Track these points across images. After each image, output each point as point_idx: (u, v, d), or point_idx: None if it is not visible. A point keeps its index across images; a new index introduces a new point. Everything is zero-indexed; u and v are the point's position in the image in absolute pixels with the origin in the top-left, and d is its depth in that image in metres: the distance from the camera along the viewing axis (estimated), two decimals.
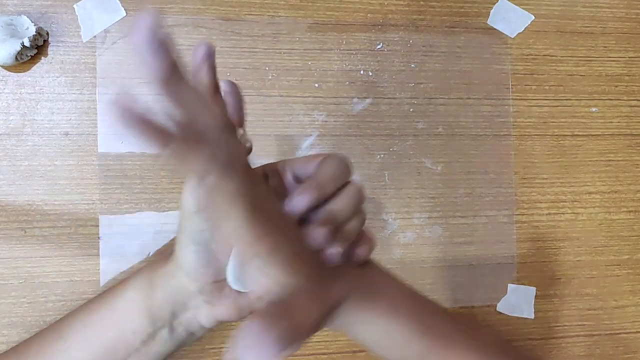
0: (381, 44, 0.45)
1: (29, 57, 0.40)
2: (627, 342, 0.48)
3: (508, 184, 0.47)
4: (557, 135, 0.48)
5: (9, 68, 0.41)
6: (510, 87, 0.47)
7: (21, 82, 0.41)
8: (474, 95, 0.47)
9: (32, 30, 0.39)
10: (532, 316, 0.46)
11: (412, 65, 0.46)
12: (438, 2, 0.46)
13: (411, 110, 0.46)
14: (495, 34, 0.47)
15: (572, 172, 0.48)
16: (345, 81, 0.45)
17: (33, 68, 0.41)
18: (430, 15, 0.46)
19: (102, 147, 0.42)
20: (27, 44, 0.39)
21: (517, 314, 0.46)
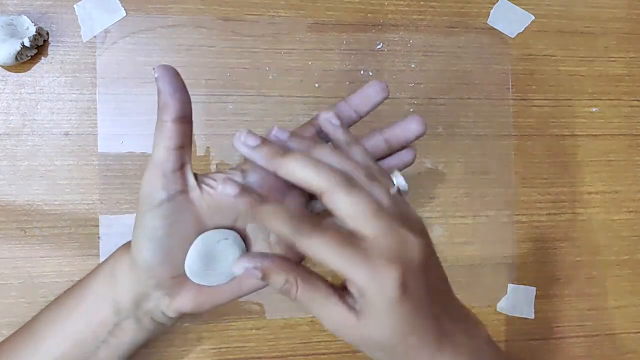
0: (381, 44, 0.45)
1: (29, 57, 0.40)
2: (627, 342, 0.48)
3: (508, 184, 0.47)
4: (557, 135, 0.48)
5: (9, 68, 0.41)
6: (510, 87, 0.47)
7: (21, 82, 0.41)
8: (474, 95, 0.47)
9: (32, 30, 0.39)
10: (532, 316, 0.46)
11: (412, 65, 0.46)
12: (438, 2, 0.46)
13: (411, 110, 0.46)
14: (495, 34, 0.47)
15: (572, 172, 0.48)
16: (345, 81, 0.45)
17: (33, 68, 0.41)
18: (430, 15, 0.46)
19: (102, 147, 0.42)
20: (27, 44, 0.39)
21: (517, 314, 0.46)
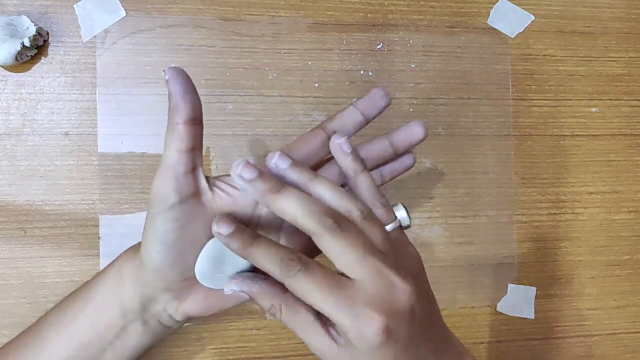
0: (381, 44, 0.45)
1: (29, 57, 0.40)
2: (627, 342, 0.48)
3: (508, 184, 0.47)
4: (557, 135, 0.48)
5: (9, 68, 0.41)
6: (510, 87, 0.47)
7: (21, 82, 0.41)
8: (474, 95, 0.47)
9: (32, 30, 0.39)
10: (532, 316, 0.46)
11: (412, 65, 0.46)
12: (438, 2, 0.46)
13: (411, 110, 0.46)
14: (495, 34, 0.47)
15: (572, 172, 0.48)
16: (345, 81, 0.45)
17: (33, 68, 0.41)
18: (430, 15, 0.46)
19: (102, 147, 0.42)
20: (27, 44, 0.39)
21: (517, 314, 0.46)
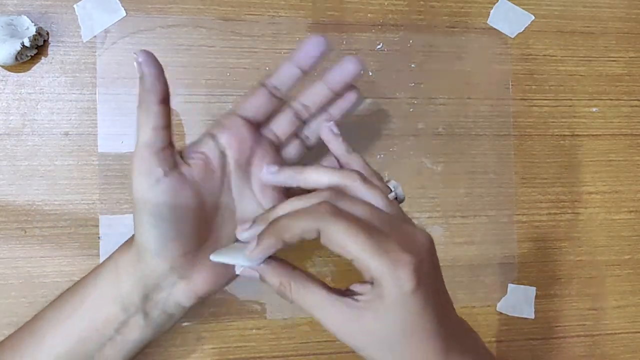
0: (381, 44, 0.45)
1: (29, 57, 0.40)
2: (627, 342, 0.48)
3: (508, 184, 0.47)
4: (557, 135, 0.48)
5: (9, 68, 0.41)
6: (510, 87, 0.47)
7: (21, 82, 0.41)
8: (474, 95, 0.47)
9: (32, 30, 0.39)
10: (532, 316, 0.46)
11: (412, 65, 0.46)
12: (438, 2, 0.46)
13: (411, 110, 0.46)
14: (495, 34, 0.47)
15: (573, 172, 0.48)
16: None
17: (33, 68, 0.41)
18: (430, 15, 0.46)
19: (102, 147, 0.42)
20: (27, 44, 0.39)
21: (517, 314, 0.46)
